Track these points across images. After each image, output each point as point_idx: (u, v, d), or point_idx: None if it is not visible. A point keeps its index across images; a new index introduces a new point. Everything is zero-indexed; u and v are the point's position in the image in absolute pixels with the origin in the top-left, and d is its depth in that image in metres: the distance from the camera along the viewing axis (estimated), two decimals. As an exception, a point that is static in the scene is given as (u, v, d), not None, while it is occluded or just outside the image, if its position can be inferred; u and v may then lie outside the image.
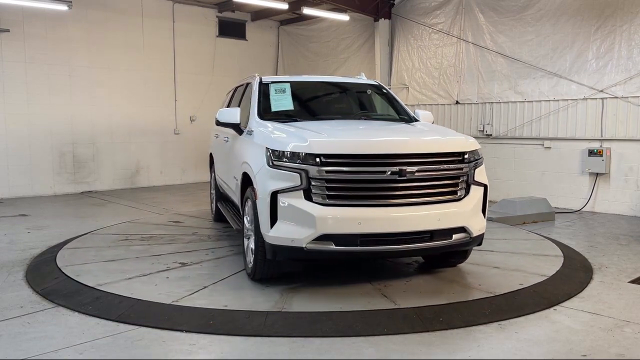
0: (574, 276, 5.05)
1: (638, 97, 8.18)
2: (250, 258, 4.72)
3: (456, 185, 4.44)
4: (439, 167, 4.33)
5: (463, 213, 4.39)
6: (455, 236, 4.38)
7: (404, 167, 4.17)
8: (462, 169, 4.42)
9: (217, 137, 7.15)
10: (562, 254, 5.71)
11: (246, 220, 4.90)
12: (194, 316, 3.96)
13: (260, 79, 5.82)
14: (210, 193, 8.01)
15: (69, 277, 4.84)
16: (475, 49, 10.07)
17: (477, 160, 4.56)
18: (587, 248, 6.21)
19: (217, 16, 12.92)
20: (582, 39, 8.67)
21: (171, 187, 11.97)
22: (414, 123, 5.53)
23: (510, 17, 9.51)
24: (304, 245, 4.11)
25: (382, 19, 11.36)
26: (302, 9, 11.30)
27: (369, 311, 4.03)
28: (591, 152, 8.57)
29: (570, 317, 4.04)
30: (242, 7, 12.59)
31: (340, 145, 4.25)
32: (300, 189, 4.10)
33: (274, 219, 4.19)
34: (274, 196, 4.17)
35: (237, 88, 7.15)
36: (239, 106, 6.15)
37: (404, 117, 5.79)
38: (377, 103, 6.42)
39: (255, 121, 5.23)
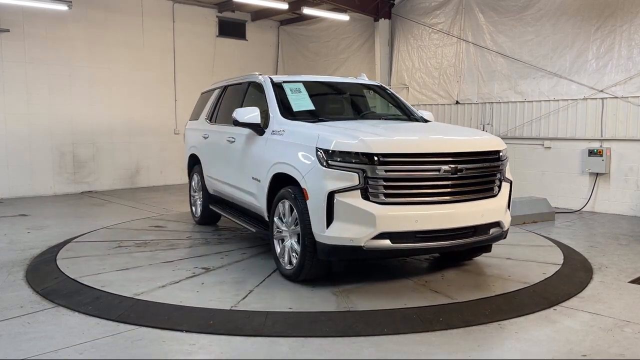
0: (574, 276, 5.05)
1: (638, 97, 8.19)
2: (289, 259, 4.72)
3: (493, 182, 4.67)
4: (483, 165, 4.55)
5: (500, 208, 4.66)
6: (492, 230, 4.64)
7: (456, 165, 4.33)
8: (498, 166, 4.67)
9: (206, 137, 6.88)
10: (562, 254, 5.71)
11: (279, 222, 4.85)
12: (194, 316, 3.96)
13: (271, 79, 5.74)
14: (191, 195, 7.64)
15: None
16: (475, 49, 10.07)
17: (506, 158, 4.84)
18: (587, 248, 6.21)
19: (217, 16, 12.93)
20: (582, 39, 8.67)
21: (171, 187, 11.97)
22: (428, 123, 5.73)
23: (510, 17, 9.51)
24: (362, 244, 4.15)
25: (382, 19, 11.37)
26: (302, 9, 11.31)
27: (369, 311, 4.03)
28: (591, 152, 8.57)
29: (570, 317, 4.04)
30: (242, 7, 12.59)
31: (398, 145, 4.33)
32: (357, 189, 4.13)
33: (330, 219, 4.19)
34: (330, 196, 4.16)
35: (226, 87, 6.91)
36: (241, 106, 6.08)
37: (415, 117, 5.95)
38: (383, 103, 6.45)
39: (280, 121, 5.16)
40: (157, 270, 5.09)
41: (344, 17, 11.85)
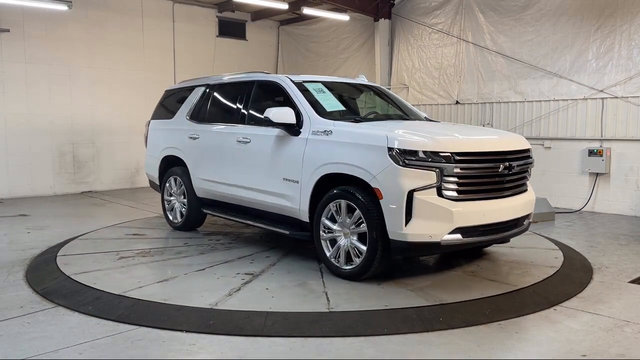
0: (574, 276, 5.06)
1: (638, 97, 8.19)
2: (346, 259, 4.76)
3: (526, 177, 5.12)
4: (524, 162, 4.96)
5: (532, 201, 5.15)
6: (525, 222, 5.08)
7: (510, 163, 4.71)
8: (530, 163, 5.11)
9: (195, 138, 6.52)
10: (562, 254, 5.72)
11: (329, 222, 4.86)
12: (194, 316, 3.96)
13: (291, 79, 5.66)
14: (165, 201, 7.14)
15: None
16: (475, 49, 10.06)
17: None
18: (587, 248, 6.21)
19: (217, 16, 12.93)
20: (582, 39, 8.67)
21: (171, 187, 11.96)
22: (444, 122, 6.16)
23: (510, 17, 9.51)
24: (440, 240, 4.35)
25: (382, 19, 11.36)
26: (302, 9, 11.30)
27: (369, 311, 4.03)
28: (591, 152, 8.57)
29: (570, 317, 4.04)
30: (242, 7, 12.59)
31: (468, 144, 4.64)
32: (434, 187, 4.33)
33: (408, 217, 4.30)
34: (409, 194, 4.29)
35: (215, 86, 6.64)
36: (247, 105, 5.94)
37: (421, 117, 6.21)
38: (384, 104, 6.46)
39: (319, 121, 5.12)
40: (201, 280, 4.82)
41: (344, 17, 11.85)
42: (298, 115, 5.25)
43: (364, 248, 4.59)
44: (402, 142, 4.40)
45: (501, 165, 4.63)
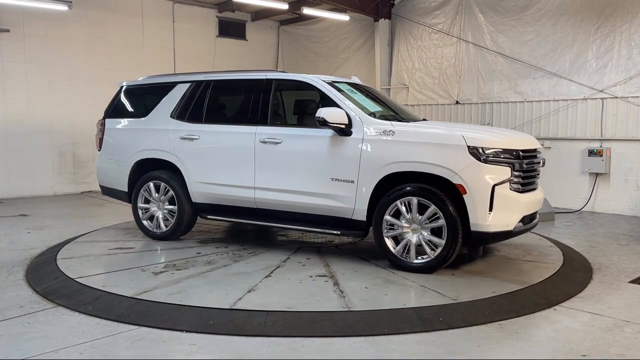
0: (574, 276, 5.06)
1: (638, 97, 8.19)
2: (415, 253, 4.95)
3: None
4: (541, 158, 5.41)
5: (542, 196, 5.51)
6: (537, 216, 5.46)
7: (542, 159, 5.35)
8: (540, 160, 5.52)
9: (194, 139, 6.06)
10: (562, 254, 5.72)
11: (393, 219, 5.00)
12: (194, 316, 3.96)
13: (322, 79, 5.61)
14: (141, 209, 6.44)
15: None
16: (475, 49, 10.07)
17: None
18: (587, 248, 6.21)
19: (217, 16, 12.93)
20: (582, 39, 8.68)
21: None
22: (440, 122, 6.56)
23: (510, 17, 9.51)
24: (512, 228, 4.82)
25: (382, 19, 11.37)
26: (302, 9, 11.31)
27: (369, 311, 4.03)
28: (591, 152, 8.57)
29: (570, 317, 4.05)
30: (242, 7, 12.59)
31: (526, 142, 5.17)
32: (508, 181, 4.79)
33: (490, 209, 4.69)
34: (492, 189, 4.68)
35: (208, 83, 6.19)
36: (267, 105, 5.71)
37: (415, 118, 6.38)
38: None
39: (371, 122, 5.19)
40: (286, 285, 4.62)
41: (344, 17, 11.85)
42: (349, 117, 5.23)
43: (438, 241, 4.84)
44: (480, 141, 4.78)
45: (541, 160, 5.25)
